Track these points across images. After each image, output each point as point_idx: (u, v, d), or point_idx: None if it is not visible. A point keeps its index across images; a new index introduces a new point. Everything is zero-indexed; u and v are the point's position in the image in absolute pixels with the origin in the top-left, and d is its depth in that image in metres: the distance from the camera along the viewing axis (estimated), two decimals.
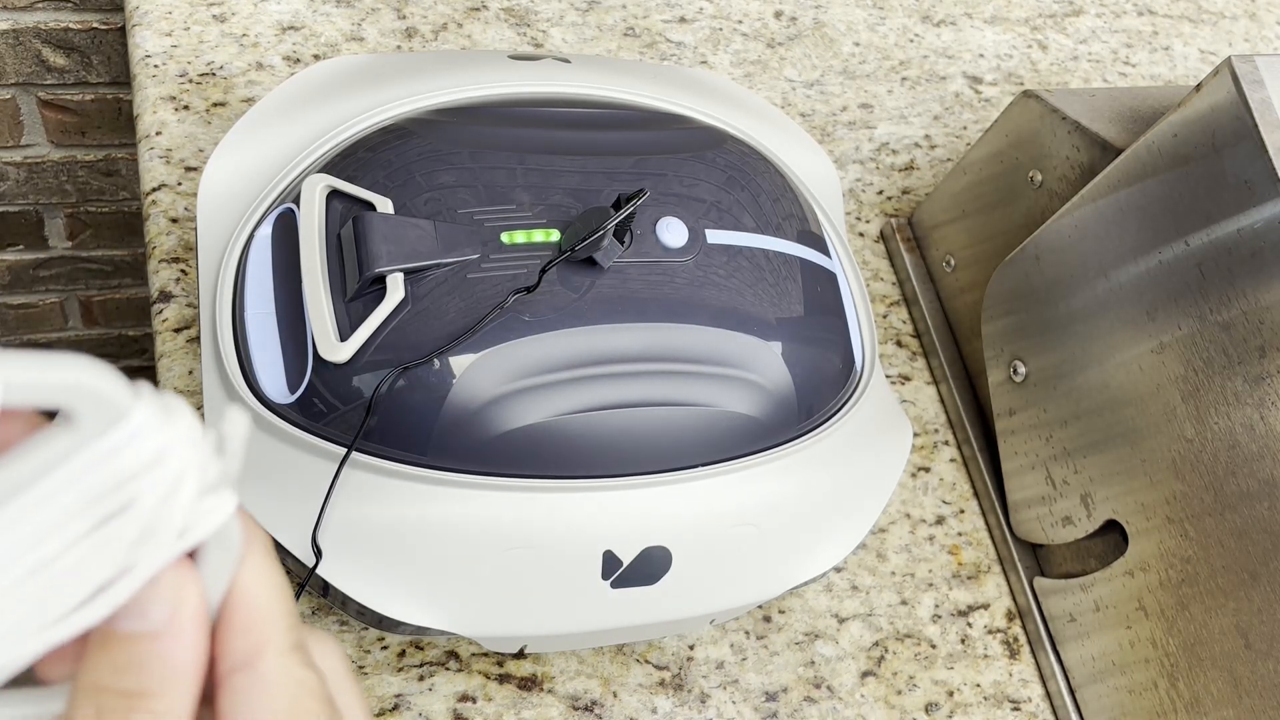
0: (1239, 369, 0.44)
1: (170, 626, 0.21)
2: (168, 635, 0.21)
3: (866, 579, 0.56)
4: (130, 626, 0.21)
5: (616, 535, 0.42)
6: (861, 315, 0.51)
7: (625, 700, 0.49)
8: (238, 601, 0.23)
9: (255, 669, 0.22)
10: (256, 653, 0.22)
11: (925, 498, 0.59)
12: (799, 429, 0.46)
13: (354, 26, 0.67)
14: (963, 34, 0.79)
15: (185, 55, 0.63)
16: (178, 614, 0.21)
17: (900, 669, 0.53)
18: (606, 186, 0.44)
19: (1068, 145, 0.54)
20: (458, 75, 0.49)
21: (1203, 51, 0.84)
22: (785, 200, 0.49)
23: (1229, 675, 0.45)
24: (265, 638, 0.23)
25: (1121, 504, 0.50)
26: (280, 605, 0.23)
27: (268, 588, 0.23)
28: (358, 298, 0.41)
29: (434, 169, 0.43)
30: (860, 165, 0.70)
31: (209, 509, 0.22)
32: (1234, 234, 0.43)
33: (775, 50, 0.74)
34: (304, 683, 0.23)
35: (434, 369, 0.40)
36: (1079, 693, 0.53)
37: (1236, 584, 0.44)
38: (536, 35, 0.70)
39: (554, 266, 0.42)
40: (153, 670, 0.21)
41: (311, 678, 0.23)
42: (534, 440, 0.41)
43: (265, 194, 0.46)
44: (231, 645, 0.23)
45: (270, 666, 0.22)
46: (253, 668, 0.22)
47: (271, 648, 0.23)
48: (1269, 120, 0.42)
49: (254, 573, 0.23)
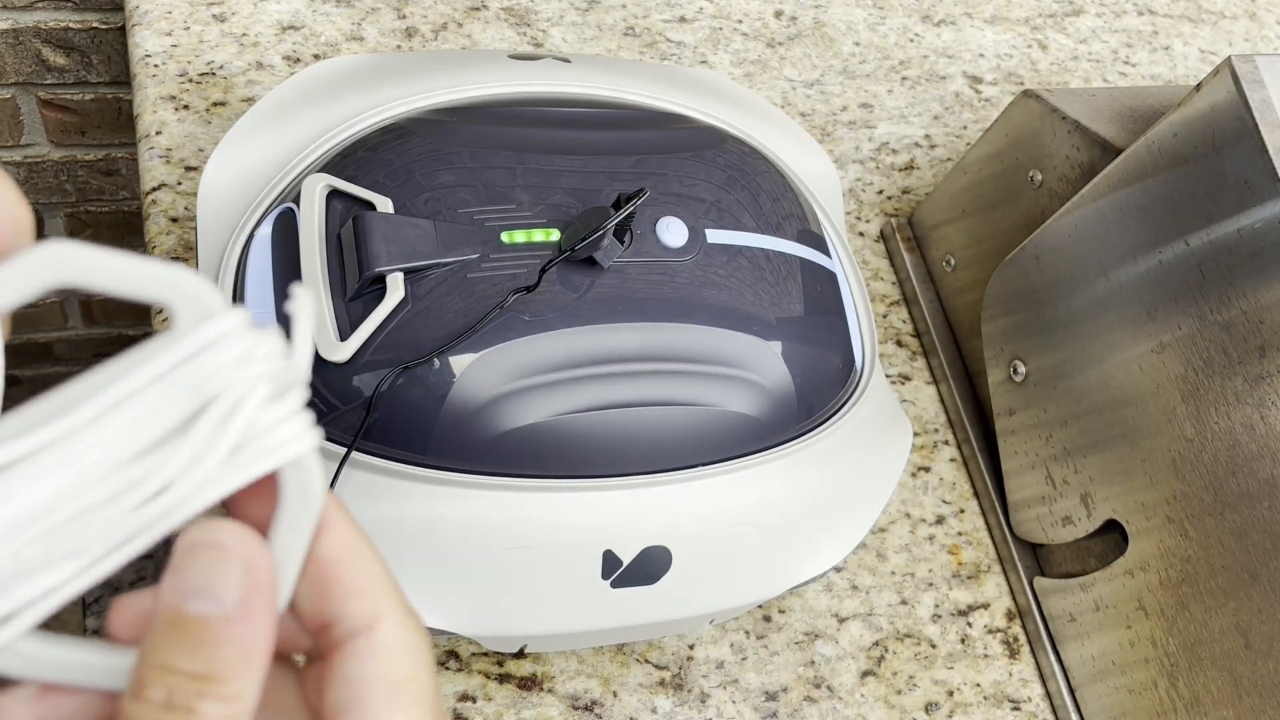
0: (1239, 369, 0.44)
1: (241, 609, 0.21)
2: (239, 618, 0.21)
3: (866, 579, 0.56)
4: (201, 608, 0.21)
5: (616, 535, 0.42)
6: (861, 315, 0.51)
7: (625, 700, 0.49)
8: (349, 562, 0.23)
9: (376, 633, 0.23)
10: (376, 617, 0.23)
11: (925, 497, 0.59)
12: (799, 429, 0.46)
13: (354, 26, 0.67)
14: (963, 34, 0.79)
15: (185, 55, 0.63)
16: (249, 597, 0.21)
17: (900, 669, 0.53)
18: (606, 186, 0.44)
19: (1068, 145, 0.54)
20: (458, 75, 0.49)
21: (1203, 51, 0.84)
22: (785, 200, 0.49)
23: (1229, 675, 0.45)
24: (384, 603, 0.23)
25: (1121, 504, 0.50)
26: (387, 570, 0.23)
27: (373, 551, 0.23)
28: (358, 297, 0.41)
29: (434, 169, 0.43)
30: (860, 165, 0.70)
31: (292, 432, 0.22)
32: (1234, 234, 0.43)
33: (775, 50, 0.74)
34: (420, 650, 0.23)
35: (434, 368, 0.40)
36: (1079, 692, 0.53)
37: (1236, 584, 0.44)
38: (536, 35, 0.70)
39: (554, 266, 0.42)
40: (224, 653, 0.21)
41: (426, 645, 0.23)
42: (534, 440, 0.41)
43: (265, 193, 0.46)
44: (348, 608, 0.23)
45: (391, 632, 0.23)
46: (374, 632, 0.23)
47: (391, 613, 0.23)
48: (1269, 120, 0.42)
49: (357, 535, 0.23)
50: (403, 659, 0.23)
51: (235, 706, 0.21)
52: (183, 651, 0.21)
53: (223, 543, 0.21)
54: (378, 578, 0.23)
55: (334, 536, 0.23)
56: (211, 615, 0.21)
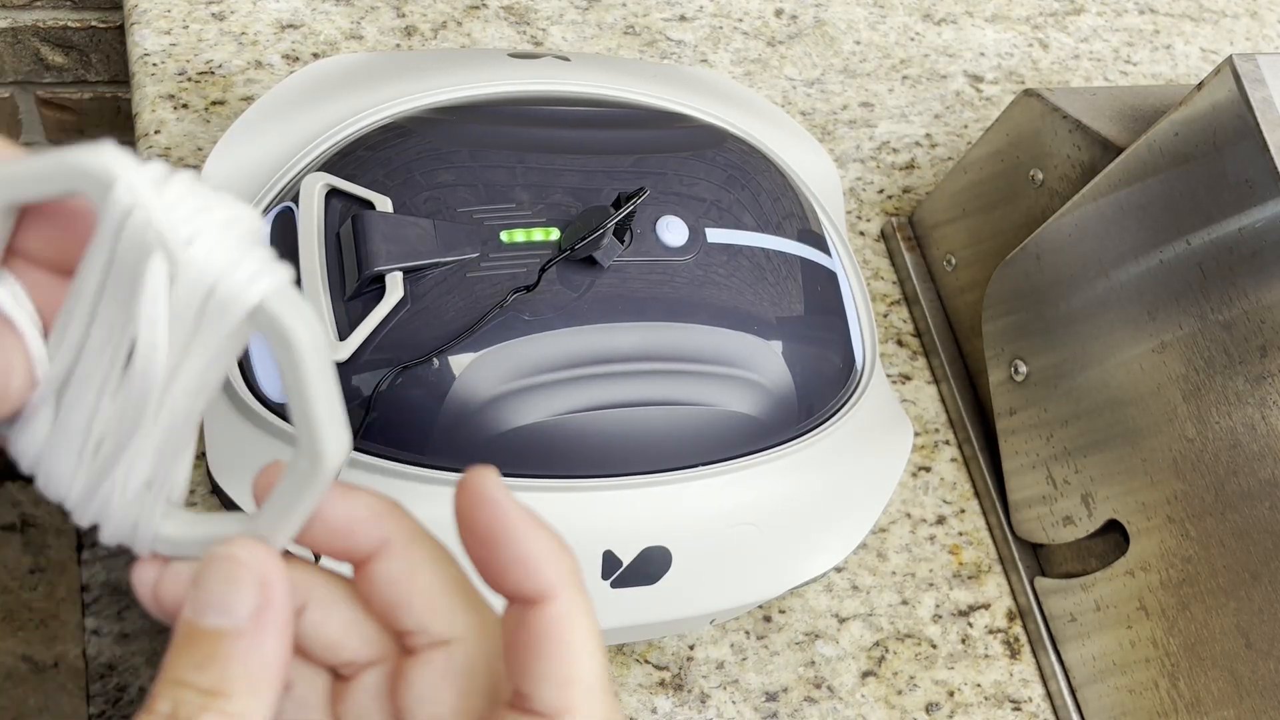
0: (1240, 368, 0.43)
1: (253, 625, 0.21)
2: (250, 634, 0.21)
3: (867, 579, 0.55)
4: (212, 622, 0.21)
5: (616, 535, 0.42)
6: (862, 314, 0.51)
7: (625, 700, 0.49)
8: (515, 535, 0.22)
9: (559, 602, 0.22)
10: (563, 711, 0.22)
11: (926, 497, 0.59)
12: (799, 428, 0.46)
13: (353, 25, 0.67)
14: (964, 32, 0.79)
15: (184, 54, 0.63)
16: (262, 613, 0.21)
17: (901, 669, 0.53)
18: (606, 185, 0.44)
19: (1069, 144, 0.54)
20: (457, 74, 0.49)
21: (1204, 50, 0.84)
22: (786, 199, 0.49)
23: (1230, 675, 0.45)
24: (558, 576, 0.22)
25: (1122, 504, 0.50)
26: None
27: (587, 626, 0.23)
28: (357, 296, 0.41)
29: (433, 168, 0.43)
30: (861, 164, 0.70)
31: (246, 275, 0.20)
32: (1235, 233, 0.43)
33: (775, 49, 0.74)
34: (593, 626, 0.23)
35: (433, 368, 0.40)
36: (1080, 692, 0.53)
37: (1237, 584, 0.44)
38: (536, 33, 0.70)
39: (554, 265, 0.41)
40: (233, 670, 0.20)
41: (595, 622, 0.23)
42: (534, 440, 0.41)
43: (264, 192, 0.46)
44: (542, 691, 0.22)
45: (572, 602, 0.22)
46: (557, 600, 0.22)
47: (567, 585, 0.22)
48: (1270, 119, 0.42)
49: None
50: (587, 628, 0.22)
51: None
52: (194, 665, 0.20)
53: (238, 557, 0.21)
54: (557, 547, 0.23)
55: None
56: (224, 629, 0.21)
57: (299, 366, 0.20)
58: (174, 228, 0.20)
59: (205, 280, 0.20)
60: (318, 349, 0.20)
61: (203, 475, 0.46)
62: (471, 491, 0.22)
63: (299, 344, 0.20)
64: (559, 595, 0.22)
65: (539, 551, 0.22)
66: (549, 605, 0.22)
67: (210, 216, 0.20)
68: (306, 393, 0.20)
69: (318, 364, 0.20)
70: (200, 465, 0.45)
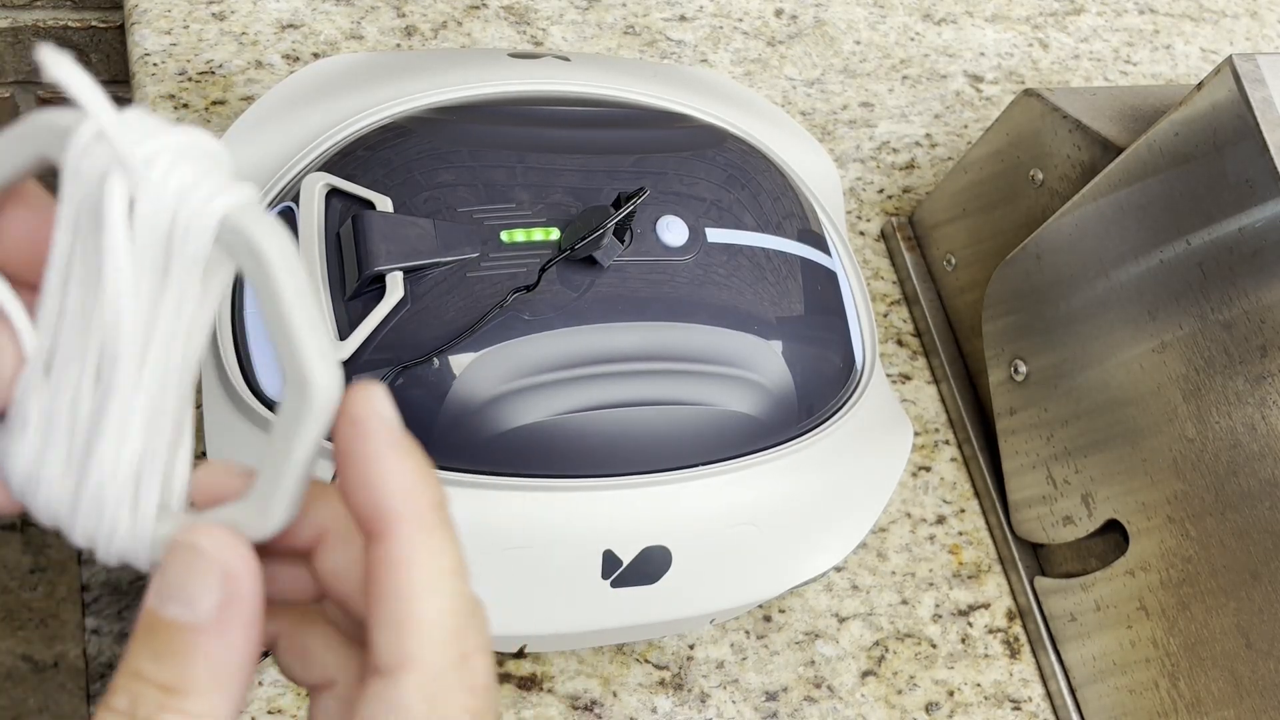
0: (1240, 368, 0.43)
1: (216, 620, 0.19)
2: (213, 629, 0.19)
3: (867, 578, 0.55)
4: (174, 613, 0.19)
5: (616, 534, 0.42)
6: (862, 314, 0.51)
7: (625, 700, 0.49)
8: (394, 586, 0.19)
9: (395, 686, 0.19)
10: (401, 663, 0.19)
11: (926, 497, 0.59)
12: (799, 428, 0.46)
13: (353, 25, 0.67)
14: (964, 32, 0.79)
15: (184, 53, 0.63)
16: (226, 608, 0.19)
17: (901, 668, 0.53)
18: (606, 185, 0.44)
19: (1069, 144, 0.54)
20: (457, 73, 0.49)
21: (1204, 50, 0.84)
22: (786, 199, 0.49)
23: (1230, 675, 0.45)
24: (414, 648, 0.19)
25: (1122, 503, 0.50)
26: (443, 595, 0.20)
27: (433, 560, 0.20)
28: (357, 296, 0.41)
29: (433, 167, 0.43)
30: (861, 164, 0.70)
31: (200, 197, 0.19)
32: (1235, 233, 0.43)
33: (775, 49, 0.74)
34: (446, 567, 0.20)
35: (433, 368, 0.40)
36: (1079, 692, 0.53)
37: (1238, 584, 0.44)
38: (536, 33, 0.70)
39: (554, 265, 0.42)
40: (193, 666, 0.19)
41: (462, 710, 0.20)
42: (534, 439, 0.41)
43: (264, 192, 0.46)
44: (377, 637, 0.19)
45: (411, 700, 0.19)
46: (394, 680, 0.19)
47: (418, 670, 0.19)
48: (1270, 119, 0.42)
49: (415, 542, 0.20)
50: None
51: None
52: (153, 658, 0.19)
53: (200, 547, 0.19)
54: (422, 615, 0.19)
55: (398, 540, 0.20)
56: (185, 622, 0.19)
57: (274, 282, 0.18)
58: (130, 149, 0.18)
59: (167, 202, 0.18)
60: (292, 265, 0.19)
61: None
62: (342, 409, 0.20)
63: (271, 258, 0.18)
64: (399, 527, 0.20)
65: (385, 478, 0.20)
66: (386, 539, 0.20)
67: (167, 139, 0.19)
68: (286, 315, 0.19)
69: (294, 281, 0.19)
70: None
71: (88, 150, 0.18)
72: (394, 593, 0.19)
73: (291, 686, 0.47)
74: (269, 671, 0.47)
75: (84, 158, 0.18)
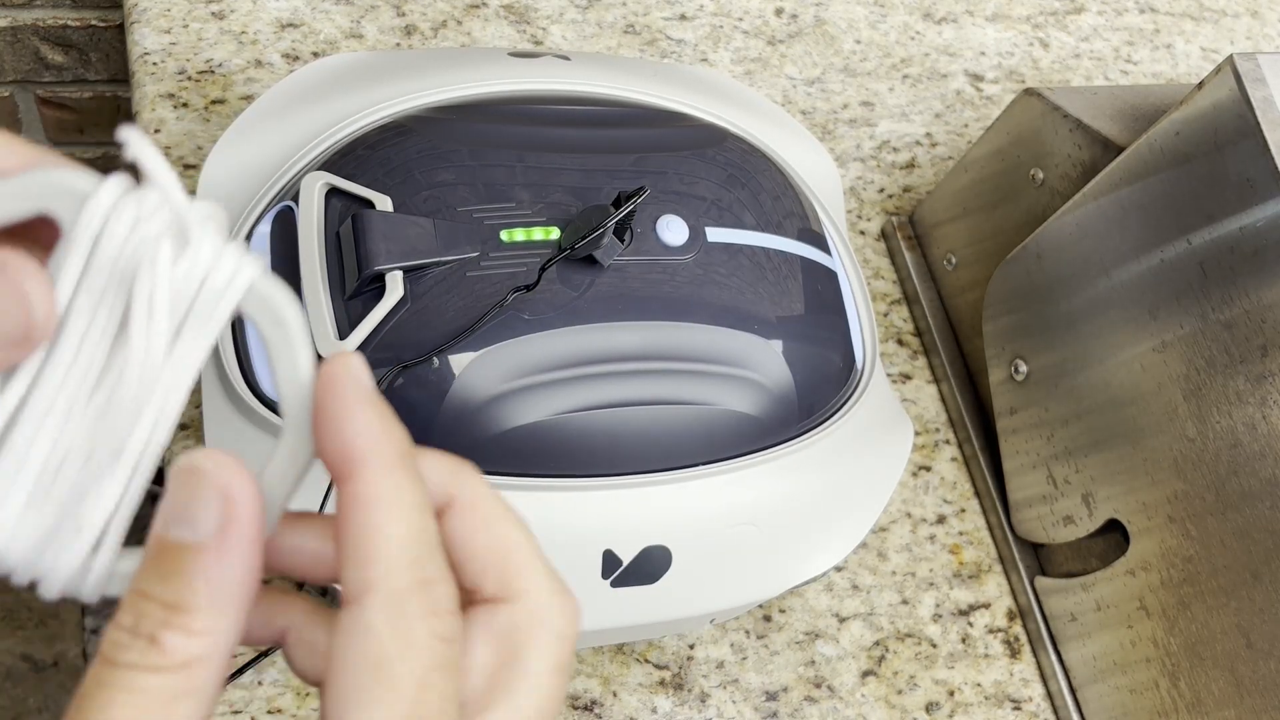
0: (1241, 368, 0.43)
1: (217, 541, 0.20)
2: (213, 550, 0.20)
3: (867, 578, 0.55)
4: (177, 535, 0.20)
5: (616, 534, 0.42)
6: (862, 313, 0.51)
7: (625, 699, 0.49)
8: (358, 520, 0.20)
9: (359, 610, 0.20)
10: (364, 590, 0.20)
11: (926, 497, 0.59)
12: (799, 428, 0.46)
13: (353, 24, 0.67)
14: (964, 31, 0.79)
15: (184, 52, 0.63)
16: (226, 529, 0.20)
17: (901, 668, 0.53)
18: (606, 184, 0.44)
19: (1069, 143, 0.54)
20: (457, 73, 0.49)
21: (1204, 49, 0.84)
22: (786, 198, 0.49)
23: (1230, 675, 0.45)
24: (375, 578, 0.20)
25: (1123, 503, 0.50)
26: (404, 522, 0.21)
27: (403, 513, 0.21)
28: (357, 296, 0.40)
29: (433, 167, 0.43)
30: (861, 163, 0.70)
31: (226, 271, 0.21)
32: (1236, 232, 0.43)
33: (776, 48, 0.74)
34: (412, 644, 0.20)
35: (433, 367, 0.40)
36: (1080, 692, 0.53)
37: (1238, 583, 0.44)
38: (536, 32, 0.70)
39: (554, 264, 0.41)
40: (195, 585, 0.20)
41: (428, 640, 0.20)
42: (534, 439, 0.41)
43: (264, 192, 0.46)
44: (346, 572, 0.21)
45: (374, 618, 0.20)
46: (358, 605, 0.20)
47: (379, 592, 0.20)
48: (1271, 118, 0.42)
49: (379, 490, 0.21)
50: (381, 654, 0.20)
51: (200, 642, 0.20)
52: (159, 579, 0.20)
53: (201, 469, 0.20)
54: (383, 543, 0.20)
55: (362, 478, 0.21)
56: (188, 543, 0.20)
57: (294, 342, 0.21)
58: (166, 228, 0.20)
59: (200, 270, 0.20)
60: (304, 325, 0.22)
61: None
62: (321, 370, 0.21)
63: (291, 321, 0.21)
64: (363, 469, 0.21)
65: (354, 425, 0.21)
66: (352, 479, 0.21)
67: (190, 214, 0.21)
68: (299, 363, 0.21)
69: (306, 337, 0.22)
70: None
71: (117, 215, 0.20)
72: (357, 526, 0.21)
73: (292, 686, 0.46)
74: (269, 671, 0.47)
75: (114, 223, 0.20)
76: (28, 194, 0.20)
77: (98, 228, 0.20)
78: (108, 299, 0.20)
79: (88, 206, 0.20)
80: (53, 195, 0.20)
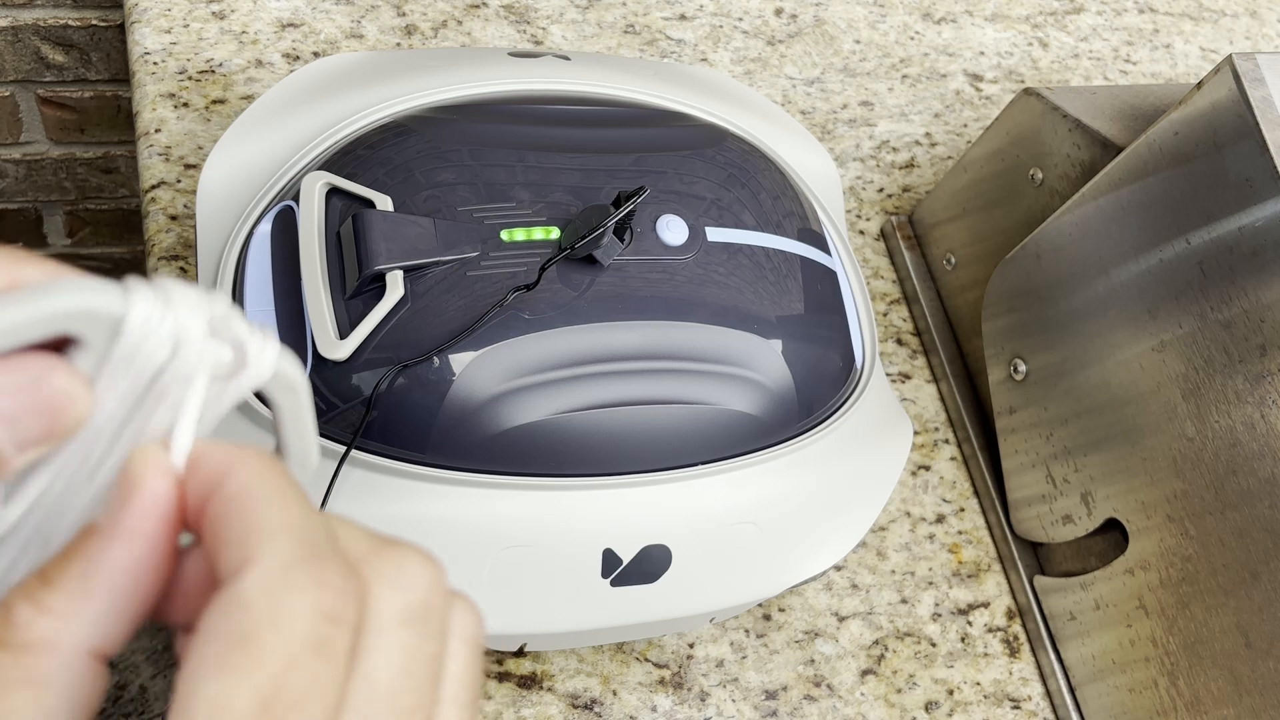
0: (1240, 367, 0.43)
1: (108, 524, 0.19)
2: (104, 533, 0.19)
3: (866, 577, 0.55)
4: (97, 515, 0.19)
5: (616, 533, 0.42)
6: (862, 313, 0.51)
7: (625, 698, 0.49)
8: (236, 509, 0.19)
9: (235, 581, 0.18)
10: (243, 563, 0.18)
11: (925, 496, 0.59)
12: (799, 427, 0.46)
13: (353, 24, 0.67)
14: (963, 31, 0.79)
15: (184, 52, 0.63)
16: (121, 515, 0.19)
17: (900, 667, 0.53)
18: (606, 184, 0.44)
19: (1068, 143, 0.54)
20: (457, 72, 0.49)
21: (1204, 49, 0.84)
22: (786, 198, 0.49)
23: (1229, 674, 0.45)
24: (255, 551, 0.18)
25: (1122, 502, 0.50)
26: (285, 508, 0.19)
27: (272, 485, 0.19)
28: (357, 295, 0.41)
29: (433, 167, 0.43)
30: (861, 163, 0.70)
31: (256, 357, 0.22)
32: (1235, 232, 0.43)
33: (775, 48, 0.74)
34: (288, 615, 0.18)
35: (433, 367, 0.40)
36: (1079, 691, 0.53)
37: (1237, 583, 0.44)
38: (536, 32, 0.70)
39: (554, 264, 0.42)
40: (71, 562, 0.18)
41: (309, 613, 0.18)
42: (534, 438, 0.41)
43: (265, 191, 0.46)
44: (224, 556, 0.19)
45: (249, 588, 0.18)
46: (235, 578, 0.18)
47: (259, 563, 0.18)
48: (1270, 118, 0.42)
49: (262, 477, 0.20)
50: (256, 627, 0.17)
51: (48, 622, 0.18)
52: (59, 555, 0.19)
53: (135, 454, 0.20)
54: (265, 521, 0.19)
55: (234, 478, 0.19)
56: (93, 523, 0.19)
57: (304, 407, 0.23)
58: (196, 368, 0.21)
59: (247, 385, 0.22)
60: (309, 390, 0.24)
61: None
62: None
63: (305, 391, 0.23)
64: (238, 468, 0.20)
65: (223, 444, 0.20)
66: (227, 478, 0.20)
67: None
68: (306, 422, 0.24)
69: (310, 401, 0.24)
70: None
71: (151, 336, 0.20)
72: (235, 513, 0.19)
73: None
74: None
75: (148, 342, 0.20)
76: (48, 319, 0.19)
77: (132, 351, 0.20)
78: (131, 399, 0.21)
79: (124, 333, 0.20)
80: (80, 319, 0.19)
